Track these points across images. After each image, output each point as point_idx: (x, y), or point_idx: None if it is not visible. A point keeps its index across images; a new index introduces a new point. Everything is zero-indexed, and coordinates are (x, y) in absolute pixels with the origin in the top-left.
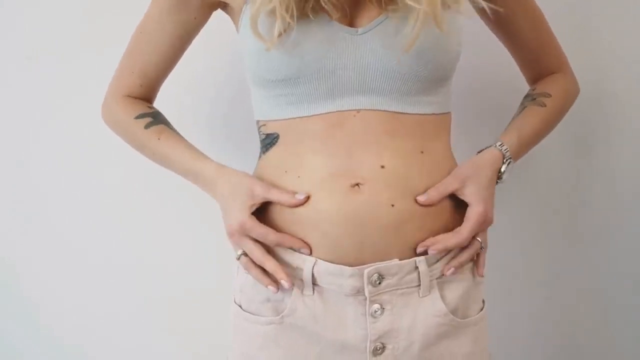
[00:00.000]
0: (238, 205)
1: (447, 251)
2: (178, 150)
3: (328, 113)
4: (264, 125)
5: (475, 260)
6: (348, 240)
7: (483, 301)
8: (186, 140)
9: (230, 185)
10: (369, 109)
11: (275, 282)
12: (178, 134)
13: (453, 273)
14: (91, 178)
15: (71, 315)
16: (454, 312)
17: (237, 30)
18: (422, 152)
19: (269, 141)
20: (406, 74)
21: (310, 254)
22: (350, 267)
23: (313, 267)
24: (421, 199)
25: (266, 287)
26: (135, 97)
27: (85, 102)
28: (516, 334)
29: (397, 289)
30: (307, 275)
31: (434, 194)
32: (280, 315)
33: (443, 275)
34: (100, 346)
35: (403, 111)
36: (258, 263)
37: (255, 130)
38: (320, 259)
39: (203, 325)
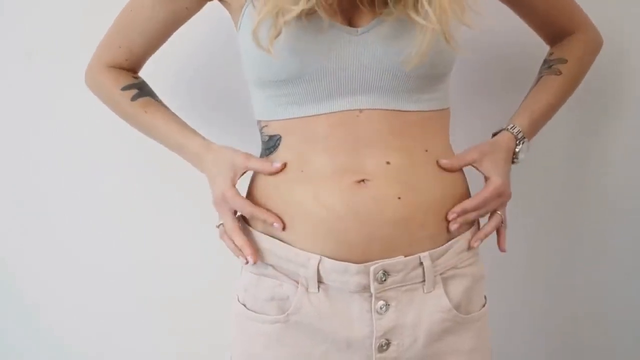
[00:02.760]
0: (222, 178)
1: (464, 217)
2: (165, 123)
3: (331, 113)
4: (266, 126)
5: (497, 236)
6: (355, 234)
7: (485, 297)
8: (173, 113)
9: (214, 159)
10: (372, 109)
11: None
12: (164, 106)
13: (478, 244)
14: (91, 177)
15: (71, 315)
16: (457, 307)
17: (236, 28)
18: (426, 151)
19: (271, 144)
20: (406, 73)
21: (284, 229)
22: (356, 265)
23: (318, 264)
24: (444, 161)
25: (238, 257)
26: (121, 68)
27: (86, 102)
28: (517, 332)
29: (402, 286)
30: (312, 273)
31: (455, 161)
32: (286, 314)
33: (470, 247)
34: (100, 346)
35: (405, 109)
36: (228, 235)
37: (255, 129)
38: (327, 255)
39: (203, 326)
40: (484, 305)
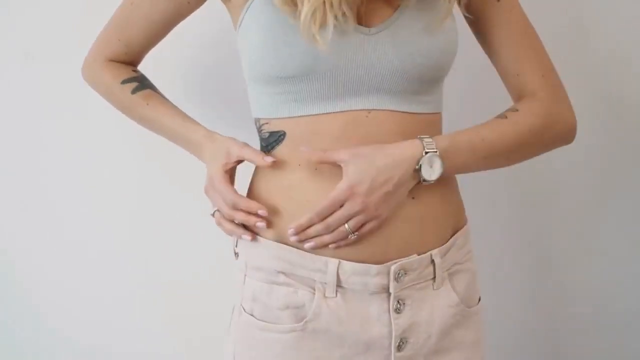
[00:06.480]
0: (215, 163)
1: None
2: (167, 116)
3: (340, 112)
4: (267, 123)
5: None
6: (374, 235)
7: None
8: (174, 105)
9: (213, 148)
10: (380, 109)
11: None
12: (165, 98)
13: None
14: (91, 174)
15: (69, 307)
16: (463, 301)
17: (237, 24)
18: None
19: (273, 139)
20: (414, 74)
21: (268, 226)
22: (376, 265)
23: (337, 268)
24: (303, 149)
25: (240, 237)
26: (119, 62)
27: (85, 102)
28: (509, 328)
29: (416, 283)
30: (331, 277)
31: (317, 155)
32: (304, 322)
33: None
34: (97, 341)
35: (411, 111)
36: (227, 217)
37: (252, 127)
38: (344, 258)
39: (201, 320)
40: (479, 299)
